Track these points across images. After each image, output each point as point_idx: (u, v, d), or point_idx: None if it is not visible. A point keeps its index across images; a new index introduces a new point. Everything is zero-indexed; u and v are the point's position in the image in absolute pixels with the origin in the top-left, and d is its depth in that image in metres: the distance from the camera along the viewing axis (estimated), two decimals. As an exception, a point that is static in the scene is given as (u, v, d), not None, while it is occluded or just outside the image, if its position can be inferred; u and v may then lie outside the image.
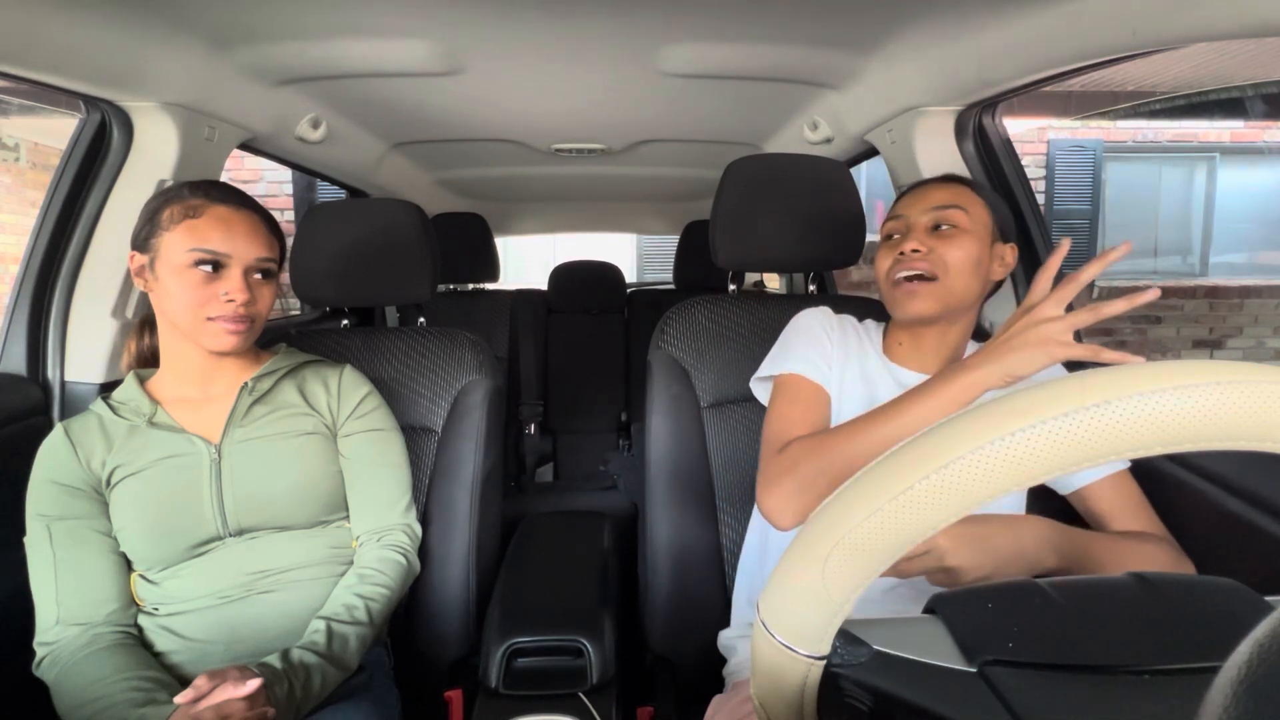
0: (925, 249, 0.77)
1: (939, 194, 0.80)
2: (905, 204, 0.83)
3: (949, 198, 0.79)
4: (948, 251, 0.77)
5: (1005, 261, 0.81)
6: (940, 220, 0.79)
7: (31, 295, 0.97)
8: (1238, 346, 4.63)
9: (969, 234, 0.77)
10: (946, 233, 0.78)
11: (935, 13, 0.90)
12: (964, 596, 0.39)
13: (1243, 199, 4.85)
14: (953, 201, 0.79)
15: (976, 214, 0.78)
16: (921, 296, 0.78)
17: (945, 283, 0.77)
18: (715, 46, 1.04)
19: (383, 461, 0.89)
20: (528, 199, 2.51)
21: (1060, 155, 4.67)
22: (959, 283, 0.77)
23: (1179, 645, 0.34)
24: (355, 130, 1.46)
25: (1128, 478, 0.77)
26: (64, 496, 0.76)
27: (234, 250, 0.77)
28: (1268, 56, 3.38)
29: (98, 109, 0.98)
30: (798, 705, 0.35)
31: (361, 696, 0.81)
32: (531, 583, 0.96)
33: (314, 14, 0.92)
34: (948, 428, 0.30)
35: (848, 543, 0.30)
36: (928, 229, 0.79)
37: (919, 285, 0.78)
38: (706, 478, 1.00)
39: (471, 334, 1.11)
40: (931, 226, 0.79)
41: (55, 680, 0.72)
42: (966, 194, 0.80)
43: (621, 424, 2.31)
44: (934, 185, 0.82)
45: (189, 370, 0.82)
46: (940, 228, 0.78)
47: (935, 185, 0.82)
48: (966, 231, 0.77)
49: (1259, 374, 0.27)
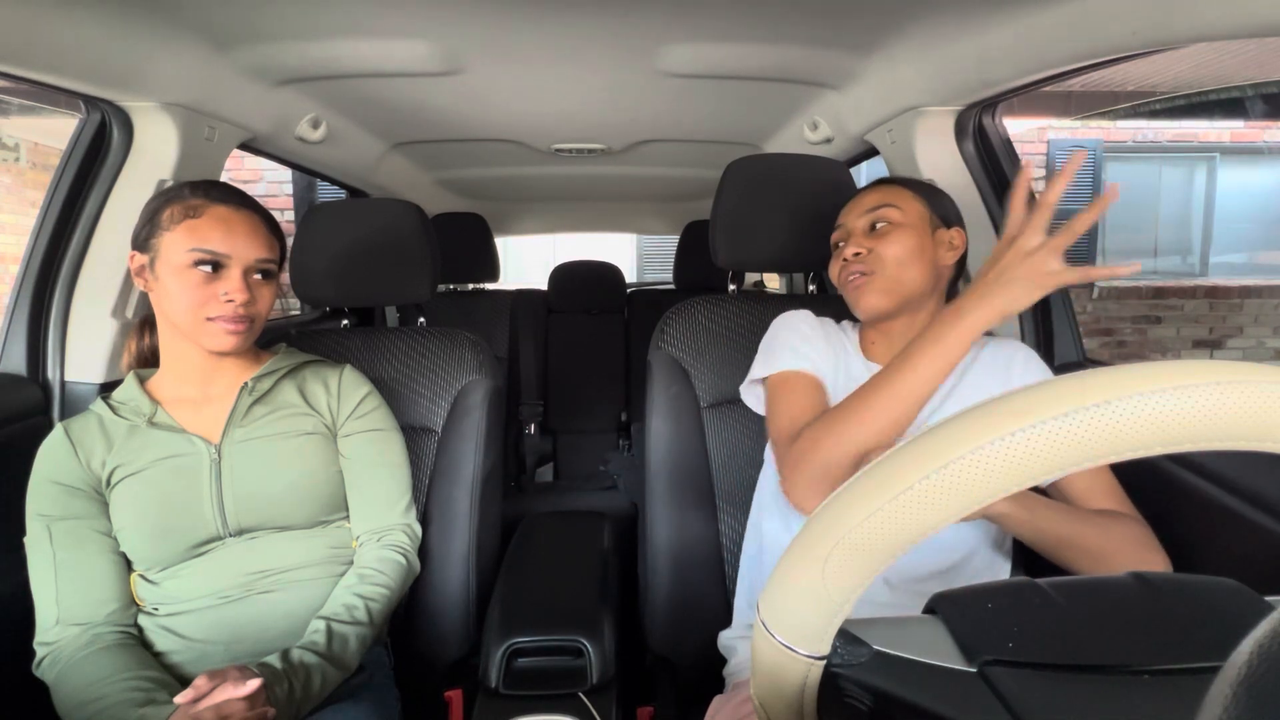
0: (864, 250, 0.83)
1: (870, 198, 0.86)
2: (844, 213, 0.89)
3: (879, 199, 0.85)
4: (884, 247, 0.82)
5: (954, 245, 0.84)
6: (875, 220, 0.84)
7: (31, 295, 0.97)
8: (1238, 346, 4.63)
9: (903, 227, 0.82)
10: (882, 230, 0.83)
11: (935, 13, 0.90)
12: (964, 596, 0.39)
13: (1243, 199, 4.85)
14: (883, 201, 0.84)
15: (909, 208, 0.83)
16: (867, 291, 0.82)
17: (886, 274, 0.81)
18: (715, 46, 1.04)
19: (382, 461, 0.89)
20: (528, 199, 2.51)
21: (1060, 155, 4.66)
22: (901, 273, 0.81)
23: (1179, 645, 0.34)
24: (355, 130, 1.46)
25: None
26: (64, 496, 0.76)
27: (234, 251, 0.77)
28: (1268, 56, 3.38)
29: (98, 109, 0.98)
30: (798, 705, 0.35)
31: (361, 696, 0.81)
32: (531, 583, 0.96)
33: (314, 14, 0.92)
34: (947, 428, 0.30)
35: (848, 543, 0.30)
36: (865, 231, 0.85)
37: (862, 281, 0.83)
38: (706, 477, 1.00)
39: (471, 334, 1.11)
40: (868, 228, 0.84)
41: (55, 680, 0.72)
42: (896, 192, 0.85)
43: (621, 424, 2.31)
44: (866, 191, 0.88)
45: (189, 370, 0.82)
46: (876, 227, 0.84)
47: (867, 191, 0.88)
48: (900, 225, 0.82)
49: (1259, 374, 0.27)
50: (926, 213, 0.84)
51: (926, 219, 0.84)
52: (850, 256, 0.84)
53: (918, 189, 0.86)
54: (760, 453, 1.01)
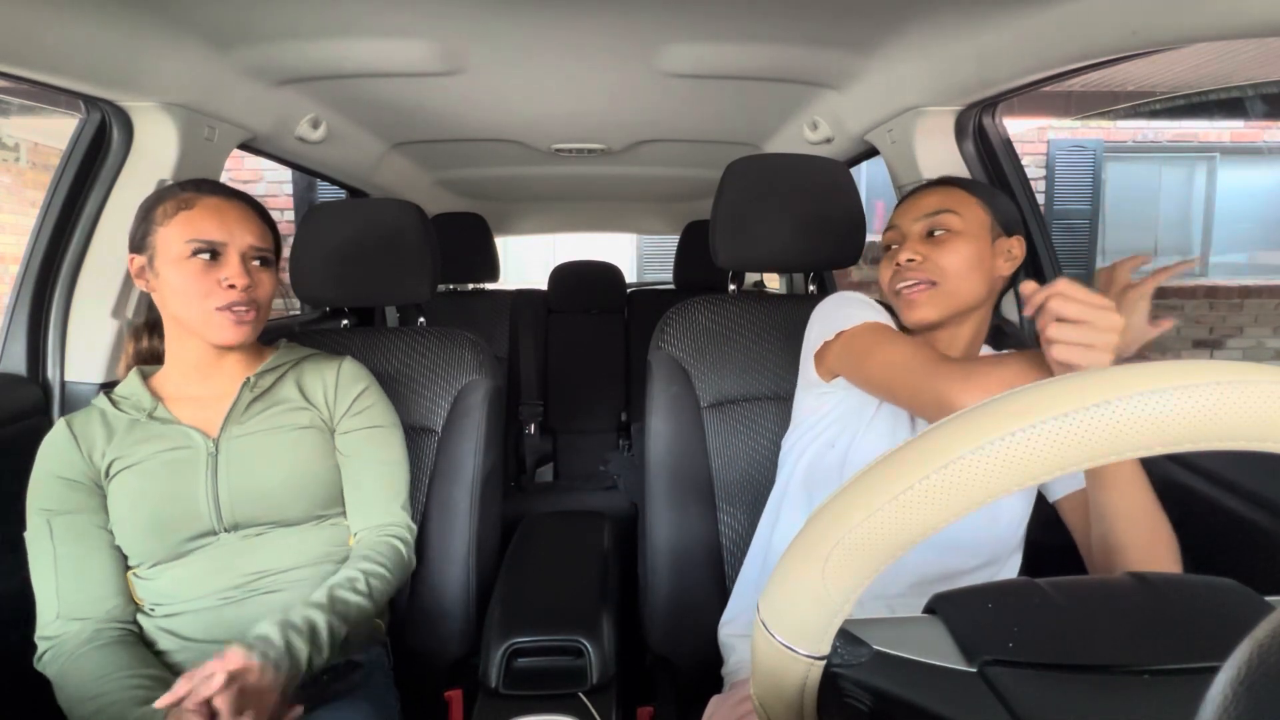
0: (920, 257, 0.78)
1: (930, 199, 0.81)
2: (899, 213, 0.84)
3: (939, 202, 0.80)
4: (942, 256, 0.77)
5: (1012, 255, 0.80)
6: (933, 226, 0.79)
7: (31, 295, 0.97)
8: (1238, 346, 4.63)
9: (963, 236, 0.78)
10: (940, 238, 0.78)
11: (935, 13, 0.90)
12: (964, 596, 0.39)
13: (1243, 199, 4.85)
14: (943, 206, 0.79)
15: (971, 214, 0.79)
16: (922, 304, 0.78)
17: (944, 287, 0.77)
18: (715, 46, 1.04)
19: (380, 459, 0.89)
20: (528, 199, 2.51)
21: (1060, 155, 4.67)
22: (959, 285, 0.77)
23: (1179, 645, 0.34)
24: (355, 130, 1.46)
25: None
26: (65, 490, 0.76)
27: (229, 237, 0.78)
28: (1268, 56, 3.38)
29: (98, 109, 0.98)
30: (798, 705, 0.35)
31: (361, 696, 0.80)
32: (531, 583, 0.95)
33: (314, 14, 0.92)
34: (947, 428, 0.30)
35: (848, 543, 0.30)
36: (922, 236, 0.80)
37: (918, 293, 0.78)
38: (706, 477, 1.00)
39: (471, 334, 1.11)
40: (925, 233, 0.80)
41: (57, 674, 0.72)
42: (958, 195, 0.80)
43: (621, 424, 2.31)
44: (925, 191, 0.83)
45: (192, 367, 0.82)
46: (934, 233, 0.79)
47: (926, 191, 0.83)
48: (960, 234, 0.78)
49: (1259, 374, 0.27)
50: (988, 219, 0.79)
51: (987, 226, 0.79)
52: (904, 262, 0.79)
53: (980, 193, 0.81)
54: (760, 452, 1.01)
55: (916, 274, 0.78)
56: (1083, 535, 0.75)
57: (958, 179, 0.84)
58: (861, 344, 0.77)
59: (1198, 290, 4.55)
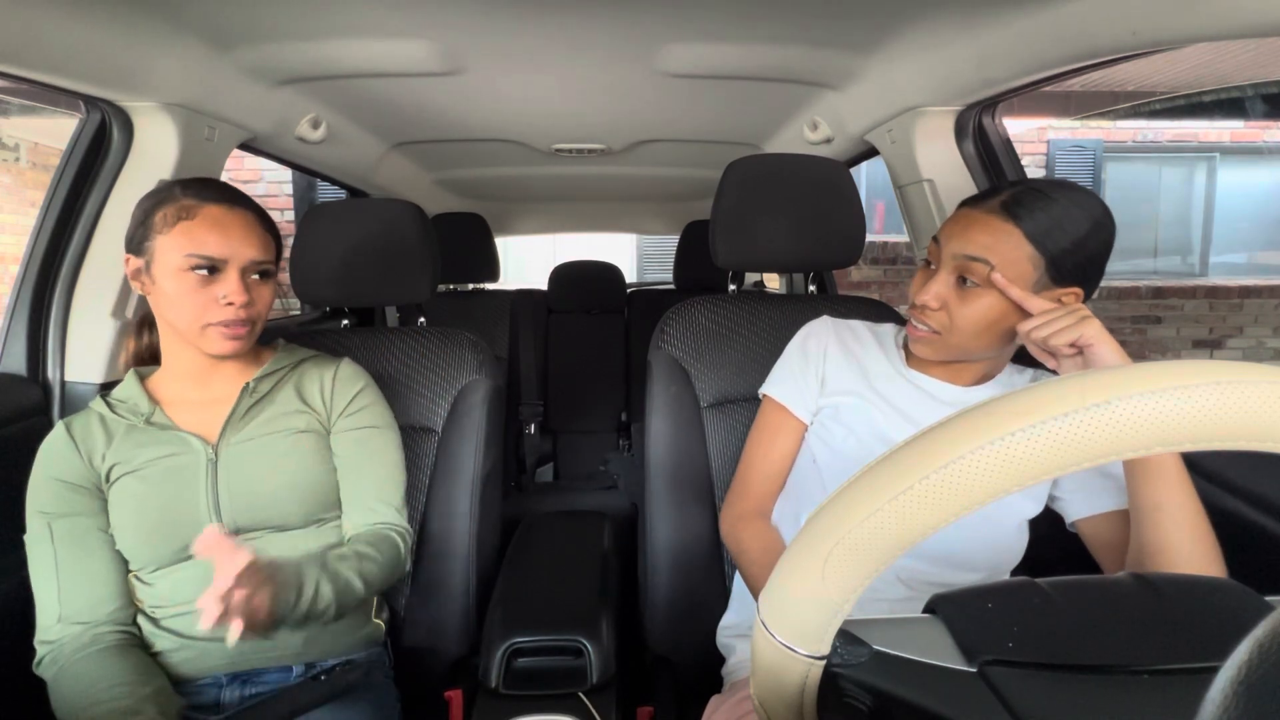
0: (938, 304, 0.73)
1: (979, 235, 0.70)
2: (946, 231, 0.75)
3: (983, 247, 0.70)
4: (960, 309, 0.72)
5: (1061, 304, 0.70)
6: (965, 273, 0.71)
7: (31, 295, 0.97)
8: (1238, 346, 4.63)
9: (991, 294, 0.70)
10: (968, 290, 0.72)
11: (935, 13, 0.90)
12: (964, 596, 0.39)
13: (1243, 199, 4.86)
14: (984, 254, 0.70)
15: (1014, 265, 0.69)
16: (923, 344, 0.77)
17: (948, 340, 0.74)
18: (715, 46, 1.04)
19: (375, 460, 0.87)
20: (528, 199, 2.51)
21: (1060, 155, 4.67)
22: (966, 341, 0.73)
23: (1179, 645, 0.34)
24: (355, 130, 1.46)
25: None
26: (65, 493, 0.76)
27: (230, 253, 0.76)
28: (1268, 56, 3.38)
29: (98, 109, 0.98)
30: (797, 705, 0.35)
31: (361, 696, 0.80)
32: (532, 583, 0.96)
33: (314, 14, 0.92)
34: (947, 428, 0.30)
35: (848, 543, 0.30)
36: (953, 274, 0.73)
37: (923, 335, 0.76)
38: (706, 477, 1.00)
39: (471, 334, 1.11)
40: (957, 277, 0.73)
41: (54, 679, 0.72)
42: (1010, 239, 0.69)
43: (621, 424, 2.31)
44: (978, 220, 0.71)
45: (189, 371, 0.82)
46: (965, 280, 0.72)
47: (979, 220, 0.71)
48: (989, 291, 0.70)
49: (1259, 374, 0.27)
50: (1032, 273, 0.69)
51: (1030, 278, 0.69)
52: (921, 301, 0.74)
53: (1040, 235, 0.68)
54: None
55: (928, 320, 0.75)
56: (1107, 555, 0.73)
57: (1023, 209, 0.70)
58: (759, 414, 0.90)
59: (1198, 290, 4.55)
